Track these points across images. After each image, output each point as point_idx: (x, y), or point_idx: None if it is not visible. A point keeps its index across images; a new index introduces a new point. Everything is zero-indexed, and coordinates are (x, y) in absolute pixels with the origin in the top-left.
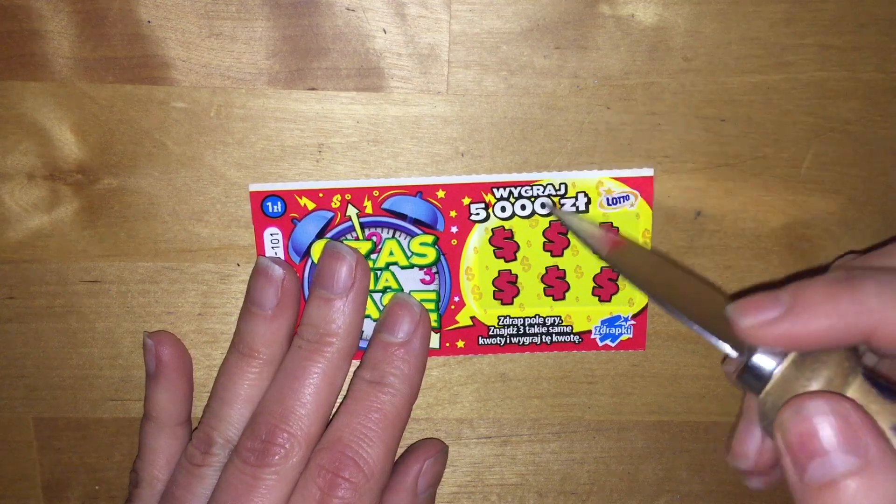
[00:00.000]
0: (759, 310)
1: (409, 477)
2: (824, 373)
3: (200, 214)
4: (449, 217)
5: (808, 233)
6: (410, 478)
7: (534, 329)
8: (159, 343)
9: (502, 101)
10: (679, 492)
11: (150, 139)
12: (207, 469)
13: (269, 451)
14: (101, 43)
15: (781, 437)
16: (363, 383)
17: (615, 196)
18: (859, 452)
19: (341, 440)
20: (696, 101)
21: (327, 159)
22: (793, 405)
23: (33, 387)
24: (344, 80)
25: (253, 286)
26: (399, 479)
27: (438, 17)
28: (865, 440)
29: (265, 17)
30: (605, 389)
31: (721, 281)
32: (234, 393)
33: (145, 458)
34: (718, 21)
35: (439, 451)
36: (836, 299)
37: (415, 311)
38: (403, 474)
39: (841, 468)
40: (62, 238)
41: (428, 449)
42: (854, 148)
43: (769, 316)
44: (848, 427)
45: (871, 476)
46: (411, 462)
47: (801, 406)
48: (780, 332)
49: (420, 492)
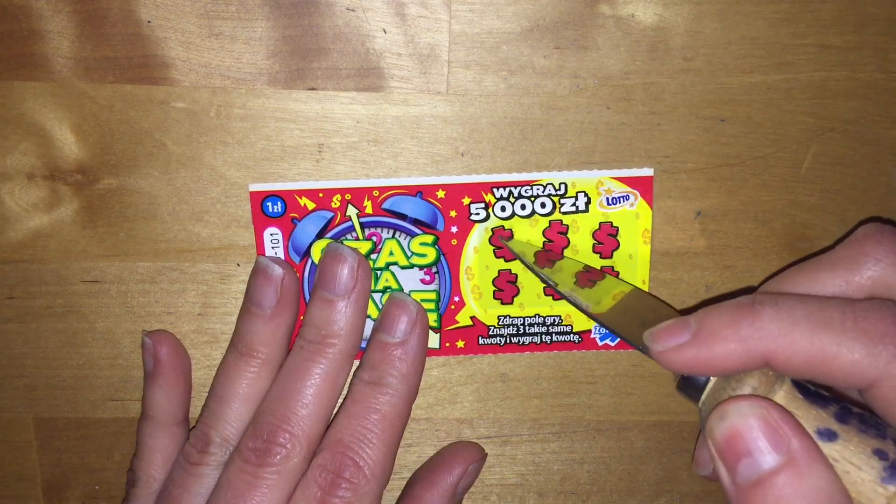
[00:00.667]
0: (669, 336)
1: (452, 476)
2: (749, 382)
3: (200, 214)
4: (449, 217)
5: (808, 233)
6: (453, 477)
7: (534, 329)
8: (158, 342)
9: (502, 101)
10: (679, 492)
11: (150, 139)
12: (205, 468)
13: (271, 450)
14: (101, 43)
15: (711, 442)
16: (362, 384)
17: (615, 196)
18: (782, 449)
19: (341, 441)
20: (696, 101)
21: (327, 159)
22: (717, 411)
23: (33, 387)
24: (344, 80)
25: (252, 285)
26: (440, 478)
27: (438, 17)
28: (787, 437)
29: (265, 17)
30: (605, 389)
31: (721, 281)
32: (233, 392)
33: (142, 457)
34: (718, 21)
35: (483, 456)
36: (737, 325)
37: (411, 309)
38: (445, 472)
39: (767, 466)
40: (62, 238)
41: (473, 452)
42: (854, 148)
43: (677, 341)
44: (769, 426)
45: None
46: (454, 463)
47: (725, 411)
48: (687, 356)
49: (458, 493)
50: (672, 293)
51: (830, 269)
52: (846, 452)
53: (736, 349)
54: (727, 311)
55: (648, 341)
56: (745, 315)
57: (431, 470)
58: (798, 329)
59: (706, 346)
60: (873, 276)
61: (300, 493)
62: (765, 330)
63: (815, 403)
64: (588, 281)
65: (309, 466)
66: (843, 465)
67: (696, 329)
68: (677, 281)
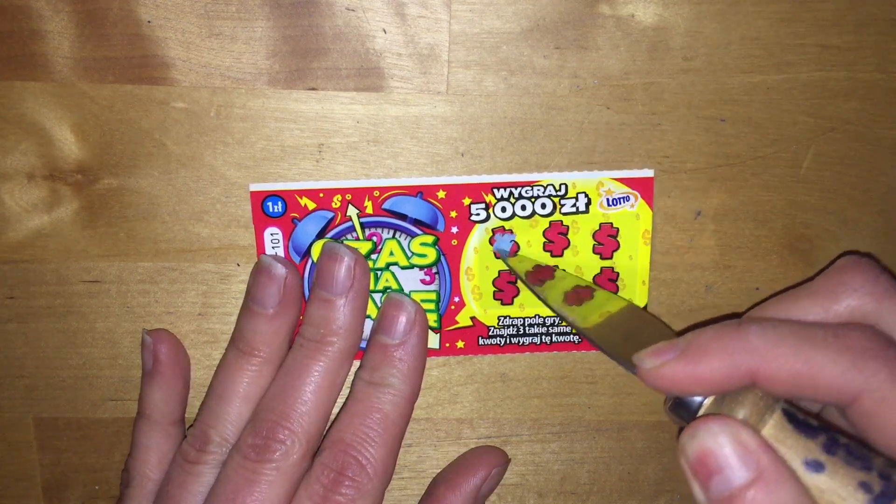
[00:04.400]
0: (657, 354)
1: (476, 479)
2: (740, 411)
3: (200, 214)
4: (449, 217)
5: (808, 233)
6: (476, 480)
7: (534, 329)
8: (158, 341)
9: (502, 101)
10: (679, 492)
11: (150, 139)
12: (203, 467)
13: (270, 447)
14: (101, 43)
15: (684, 460)
16: (363, 384)
17: (615, 197)
18: (751, 465)
19: (344, 440)
20: (696, 101)
21: (327, 159)
22: (689, 430)
23: (33, 387)
24: (344, 80)
25: (254, 284)
26: (464, 480)
27: (438, 17)
28: (756, 453)
29: (265, 17)
30: (605, 389)
31: (721, 281)
32: (233, 390)
33: (137, 456)
34: (718, 21)
35: (507, 461)
36: (724, 340)
37: (409, 309)
38: (469, 475)
39: (738, 481)
40: (62, 238)
41: (497, 457)
42: (854, 148)
43: (665, 358)
44: (738, 443)
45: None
46: (478, 466)
47: (696, 430)
48: (675, 372)
49: (480, 496)
50: (672, 293)
51: (810, 298)
52: (832, 484)
53: (722, 364)
54: (714, 329)
55: (637, 361)
56: (731, 332)
57: (455, 472)
58: (784, 345)
59: (693, 362)
60: (851, 304)
61: (303, 490)
62: (751, 345)
63: (804, 433)
64: (576, 300)
65: (311, 464)
66: (829, 497)
67: (684, 346)
68: (677, 281)
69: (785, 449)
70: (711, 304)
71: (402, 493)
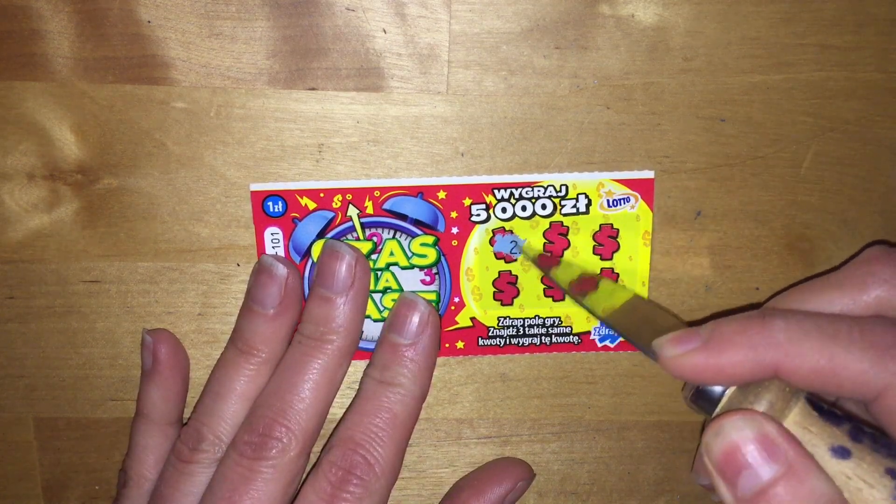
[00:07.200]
0: (680, 343)
1: (501, 489)
2: (766, 397)
3: (200, 214)
4: (449, 218)
5: (808, 233)
6: (502, 490)
7: (533, 330)
8: (158, 340)
9: (502, 101)
10: (679, 492)
11: (150, 139)
12: (196, 466)
13: (267, 444)
14: (101, 43)
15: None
16: (373, 383)
17: (616, 198)
18: (780, 459)
19: (352, 439)
20: (696, 101)
21: (327, 159)
22: (713, 427)
23: (33, 387)
24: (344, 80)
25: (255, 284)
26: (489, 489)
27: (438, 17)
28: (783, 447)
29: (265, 17)
30: (605, 389)
31: (721, 281)
32: (229, 388)
33: (134, 456)
34: (718, 21)
35: (532, 475)
36: (748, 333)
37: (422, 310)
38: (494, 484)
39: (766, 477)
40: (62, 238)
41: (523, 470)
42: (854, 148)
43: (688, 347)
44: (765, 438)
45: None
46: (504, 477)
47: (721, 426)
48: (697, 362)
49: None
50: (672, 293)
51: (838, 288)
52: (859, 470)
53: (746, 357)
54: (738, 320)
55: (658, 348)
56: (755, 324)
57: (480, 479)
58: (808, 339)
59: (716, 353)
60: (880, 295)
61: (310, 487)
62: (775, 338)
63: (830, 421)
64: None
65: (317, 462)
66: (856, 483)
67: (707, 336)
68: (677, 281)
69: (810, 436)
70: (711, 304)
71: (402, 493)
